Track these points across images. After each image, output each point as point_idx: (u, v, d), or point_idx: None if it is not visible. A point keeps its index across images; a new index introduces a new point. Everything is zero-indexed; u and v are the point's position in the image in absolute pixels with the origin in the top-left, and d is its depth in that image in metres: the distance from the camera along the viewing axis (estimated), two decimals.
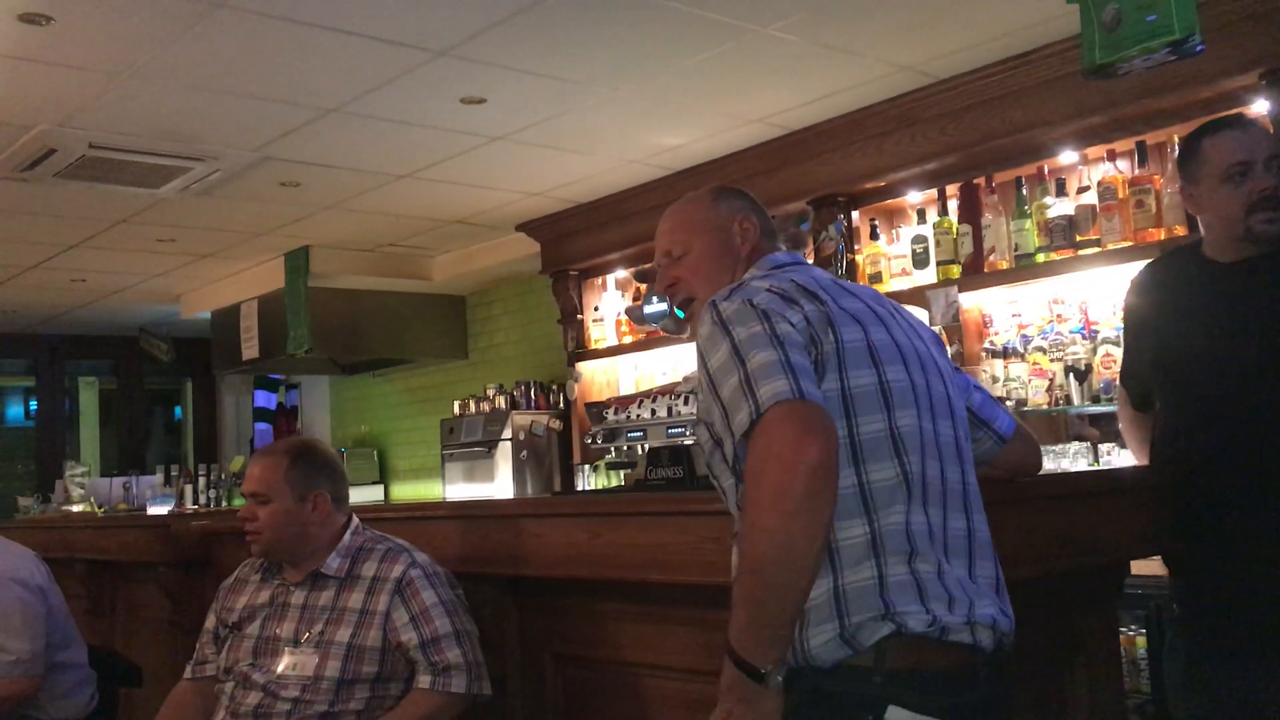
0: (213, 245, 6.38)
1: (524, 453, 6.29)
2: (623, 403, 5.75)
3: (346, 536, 2.56)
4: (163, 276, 7.13)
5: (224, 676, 2.52)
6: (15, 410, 10.10)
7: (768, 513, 1.42)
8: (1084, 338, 4.03)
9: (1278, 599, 2.16)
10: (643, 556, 2.27)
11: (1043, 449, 3.12)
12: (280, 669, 2.41)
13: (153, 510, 6.80)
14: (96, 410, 10.09)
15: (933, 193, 4.50)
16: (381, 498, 8.11)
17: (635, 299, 5.85)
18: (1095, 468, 3.77)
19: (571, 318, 6.18)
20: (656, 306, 2.79)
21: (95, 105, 4.05)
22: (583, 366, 6.15)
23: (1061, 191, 4.08)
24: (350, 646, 2.40)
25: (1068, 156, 4.14)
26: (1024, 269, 4.15)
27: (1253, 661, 2.20)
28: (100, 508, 7.32)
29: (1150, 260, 2.63)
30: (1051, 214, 4.06)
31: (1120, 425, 2.73)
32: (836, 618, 1.51)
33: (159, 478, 8.11)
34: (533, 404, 6.53)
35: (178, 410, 10.49)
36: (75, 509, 7.25)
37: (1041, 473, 2.08)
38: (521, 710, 2.71)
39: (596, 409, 5.88)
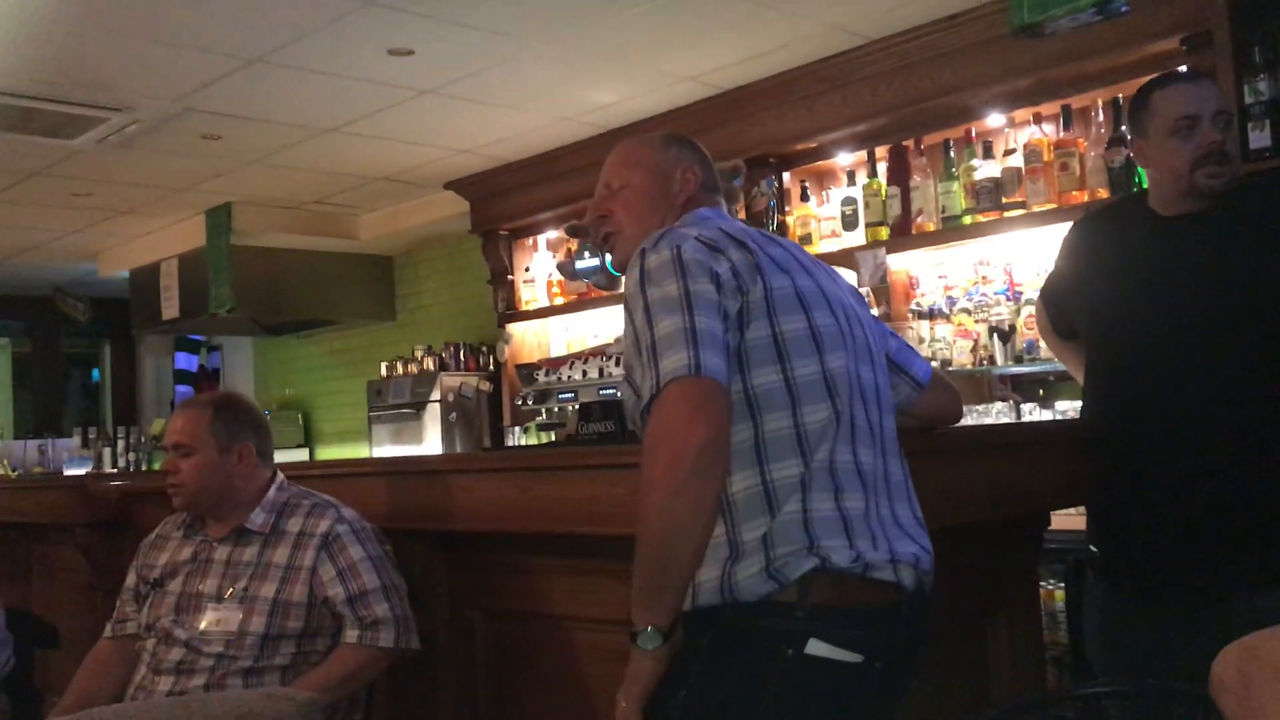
0: (132, 201, 6.20)
1: (453, 415, 6.24)
2: (554, 364, 5.75)
3: (271, 492, 2.52)
4: (79, 233, 6.93)
5: (145, 634, 2.47)
6: None
7: (654, 490, 1.49)
8: (1008, 299, 4.09)
9: (1187, 547, 2.22)
10: (574, 510, 2.27)
11: (967, 408, 3.17)
12: (203, 625, 2.37)
13: (70, 473, 6.64)
14: (9, 373, 9.81)
15: (862, 155, 4.54)
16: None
17: (567, 256, 5.83)
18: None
19: (502, 278, 6.13)
20: (588, 262, 2.77)
21: (4, 50, 3.89)
22: (513, 328, 6.11)
23: (989, 154, 4.13)
24: (276, 602, 2.36)
25: (995, 119, 4.19)
26: (951, 231, 4.20)
27: (1164, 606, 2.25)
28: (14, 471, 7.14)
29: (1100, 206, 2.64)
30: (978, 176, 4.11)
31: (1053, 352, 2.75)
32: (763, 551, 1.53)
33: (76, 441, 7.93)
34: (462, 365, 6.48)
35: (95, 373, 10.23)
36: None
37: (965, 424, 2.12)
38: (450, 666, 2.70)
39: (527, 370, 5.87)
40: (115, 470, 7.31)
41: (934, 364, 4.02)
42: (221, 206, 6.44)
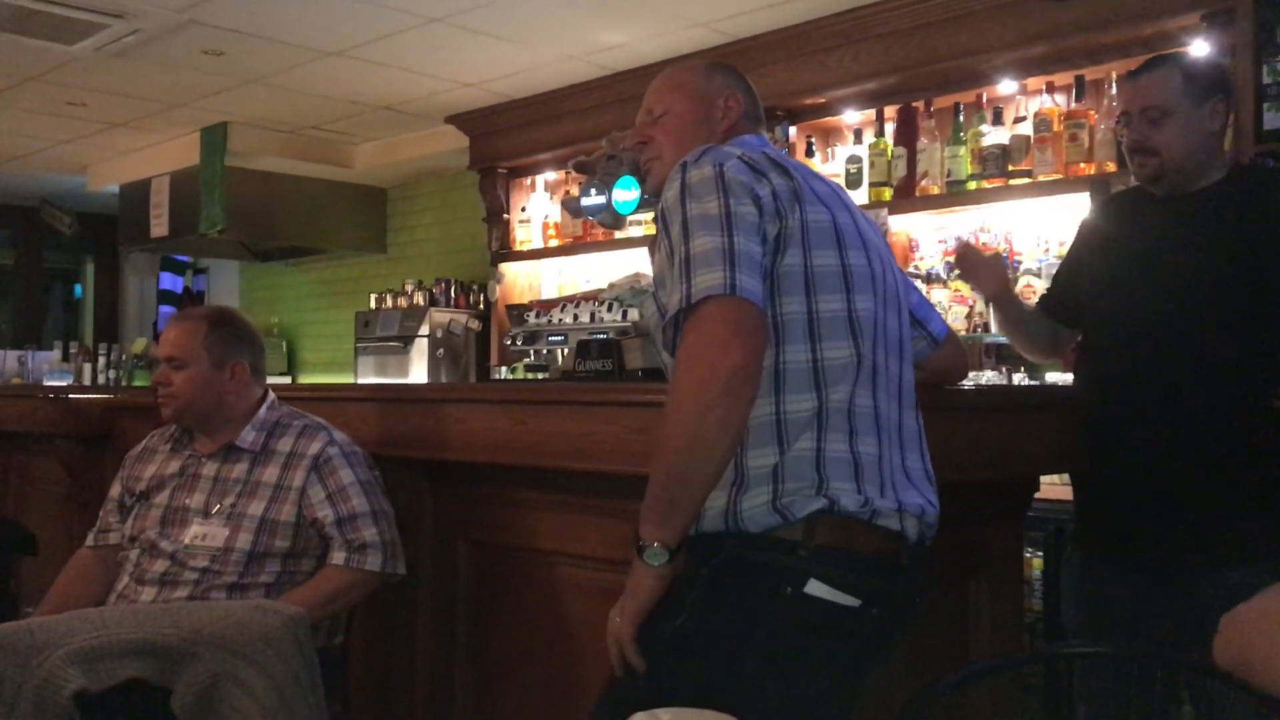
0: (126, 114, 6.10)
1: (440, 351, 6.22)
2: (545, 306, 5.73)
3: (262, 410, 2.50)
4: (71, 144, 6.82)
5: (129, 545, 2.46)
6: None
7: (684, 404, 1.47)
8: (1006, 267, 4.08)
9: (1163, 518, 2.25)
10: (567, 445, 2.26)
11: None
12: (188, 539, 2.36)
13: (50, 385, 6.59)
14: None
15: (871, 113, 4.50)
16: None
17: (572, 193, 5.79)
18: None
19: (497, 217, 6.08)
20: (594, 199, 2.73)
21: None
22: (505, 268, 6.08)
23: (998, 120, 4.11)
24: (263, 520, 2.35)
25: (1007, 86, 4.16)
26: (954, 195, 4.18)
27: (1139, 574, 2.29)
28: None
29: (1104, 198, 2.69)
30: (986, 142, 4.09)
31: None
32: (772, 484, 1.53)
33: (56, 354, 7.85)
34: (452, 302, 6.45)
35: (78, 288, 10.12)
36: None
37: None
38: (432, 595, 2.70)
39: (518, 311, 5.86)
40: (94, 385, 7.26)
41: None
42: (218, 125, 6.35)
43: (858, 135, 4.56)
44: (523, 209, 6.06)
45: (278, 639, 1.91)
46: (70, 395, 4.38)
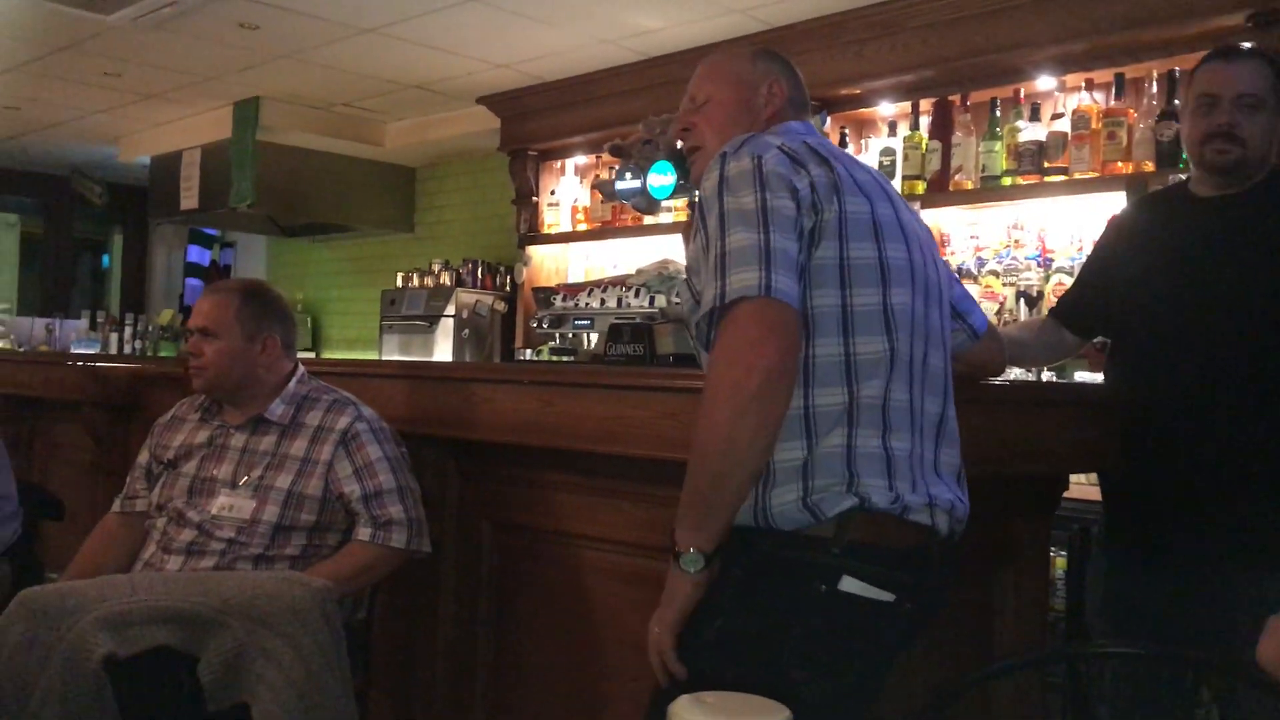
0: (160, 85, 6.12)
1: (466, 331, 6.22)
2: (572, 290, 5.73)
3: (292, 384, 2.51)
4: (104, 114, 6.84)
5: (156, 513, 2.47)
6: None
7: (718, 407, 1.46)
8: (1039, 265, 4.06)
9: (1198, 519, 2.23)
10: (597, 428, 2.26)
11: None
12: (215, 509, 2.37)
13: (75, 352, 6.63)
14: (17, 252, 9.75)
15: (906, 106, 4.47)
16: None
17: (606, 175, 5.77)
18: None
19: (526, 199, 6.08)
20: (629, 183, 2.70)
21: None
22: (533, 250, 6.07)
23: (1035, 116, 4.07)
24: (290, 493, 2.36)
25: (1045, 82, 4.12)
26: (988, 191, 4.15)
27: (1169, 576, 2.28)
28: (20, 347, 7.13)
29: (1138, 198, 2.65)
30: (1022, 138, 4.05)
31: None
32: (801, 480, 1.52)
33: (84, 323, 7.91)
34: (478, 283, 6.45)
35: (105, 258, 10.18)
36: None
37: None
38: (455, 573, 2.71)
39: (544, 294, 5.85)
40: (120, 355, 7.30)
41: None
42: (250, 100, 6.37)
43: (892, 128, 4.53)
44: (552, 192, 6.05)
45: (305, 611, 1.91)
46: (98, 364, 4.41)
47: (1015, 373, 4.00)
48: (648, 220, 5.26)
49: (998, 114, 4.16)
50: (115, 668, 1.79)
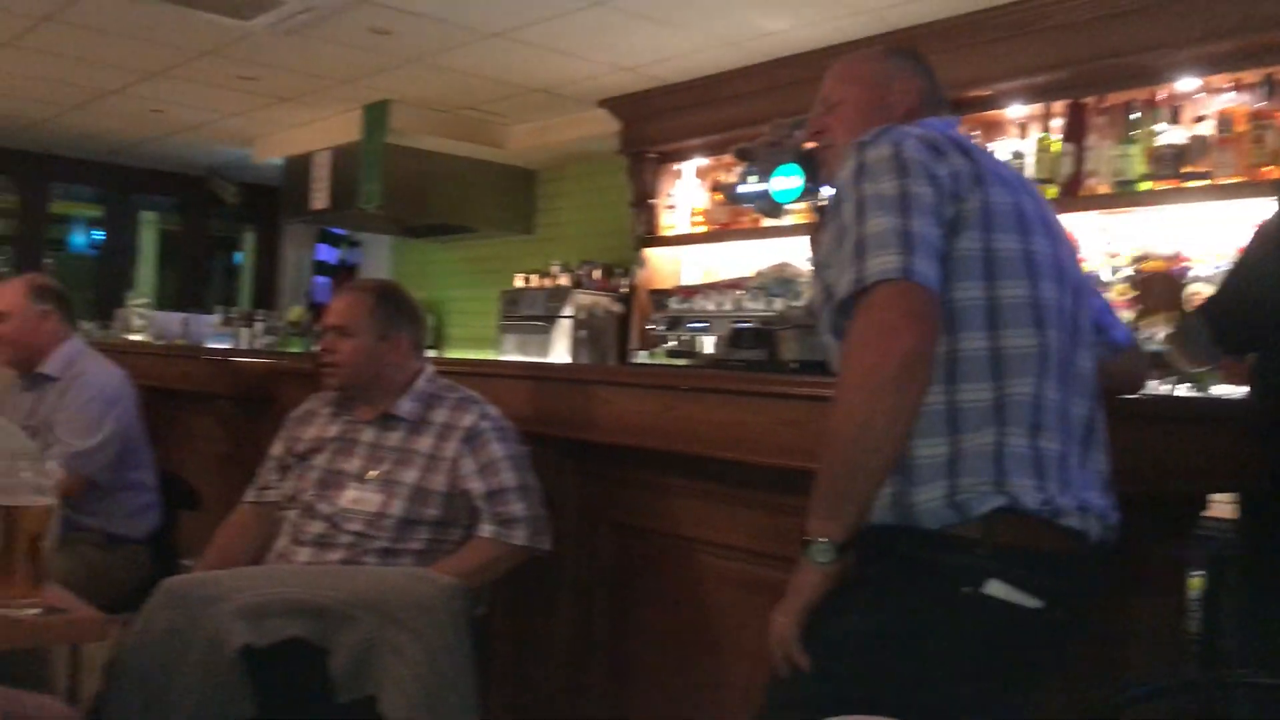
0: (294, 89, 6.32)
1: (583, 332, 6.27)
2: (688, 292, 5.73)
3: (420, 382, 2.56)
4: (240, 117, 7.10)
5: (287, 504, 2.54)
6: (79, 239, 10.21)
7: (854, 391, 1.43)
8: (1176, 273, 3.90)
9: None
10: (717, 433, 2.25)
11: None
12: (344, 502, 2.43)
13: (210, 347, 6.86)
14: (156, 248, 10.16)
15: (1037, 108, 4.35)
16: None
17: (723, 179, 5.76)
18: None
19: (644, 202, 6.09)
20: (753, 187, 2.68)
21: None
22: (649, 253, 6.09)
23: (1175, 119, 3.92)
24: (416, 488, 2.41)
25: (1186, 83, 3.96)
26: (1123, 196, 4.01)
27: None
28: (159, 340, 7.41)
29: None
30: (1160, 141, 3.91)
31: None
32: (947, 478, 1.48)
33: (217, 318, 8.18)
34: (596, 285, 6.49)
35: (237, 256, 10.55)
36: (135, 338, 7.35)
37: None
38: (573, 573, 2.73)
39: (661, 296, 5.88)
40: (251, 350, 7.53)
41: None
42: (380, 103, 6.52)
43: (1022, 130, 4.41)
44: (670, 194, 6.06)
45: (433, 607, 1.95)
46: (232, 358, 4.56)
47: (1150, 385, 3.86)
48: (766, 223, 5.22)
49: (1134, 117, 4.02)
50: (251, 657, 1.84)
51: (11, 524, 1.62)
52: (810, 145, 1.89)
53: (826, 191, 1.84)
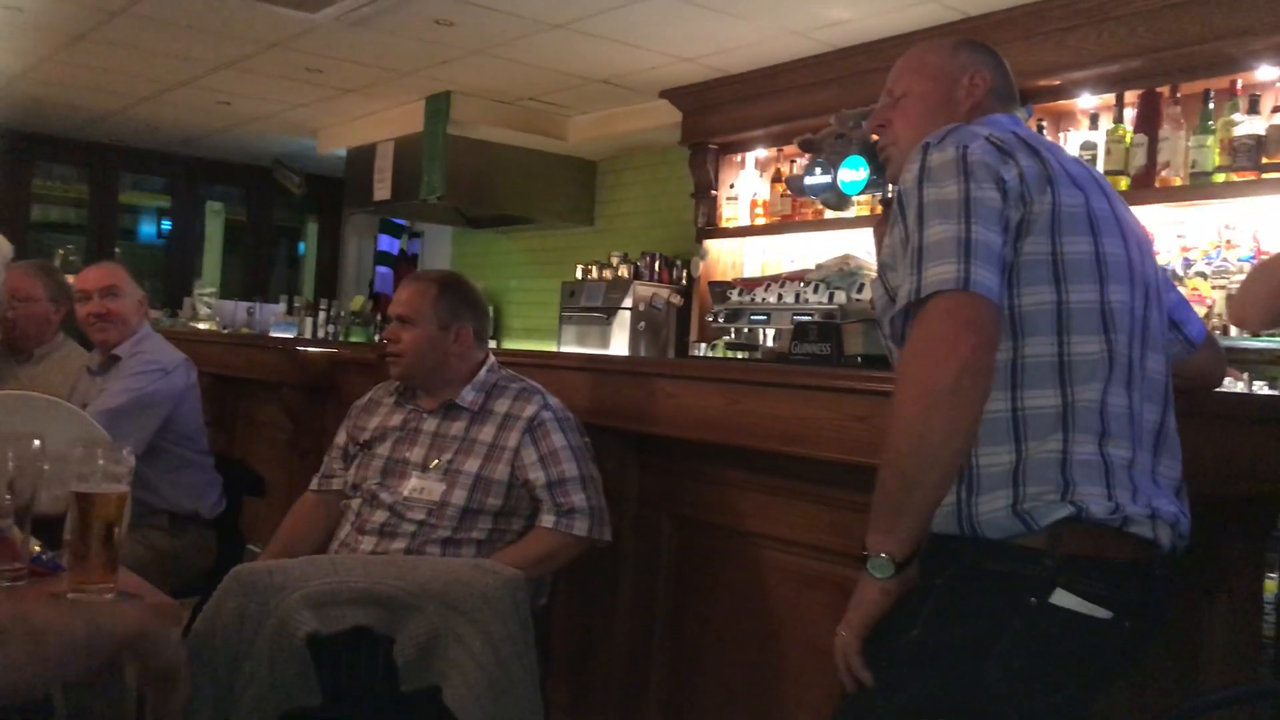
0: (358, 80, 6.38)
1: (642, 324, 6.26)
2: (749, 285, 5.68)
3: (482, 372, 2.56)
4: (305, 108, 7.18)
5: (351, 493, 2.56)
6: (148, 229, 10.40)
7: (909, 404, 1.40)
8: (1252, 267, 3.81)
9: None
10: (782, 428, 2.23)
11: None
12: (407, 491, 2.44)
13: (276, 336, 6.96)
14: (221, 238, 10.32)
15: (1109, 98, 4.26)
16: None
17: (785, 170, 5.71)
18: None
19: (705, 193, 6.07)
20: (819, 178, 2.66)
21: None
22: (710, 244, 6.06)
23: (1254, 109, 3.82)
24: (478, 477, 2.41)
25: (1266, 72, 3.85)
26: (1198, 188, 3.91)
27: None
28: (224, 329, 7.54)
29: None
30: (1238, 132, 3.80)
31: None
32: (1012, 487, 1.45)
33: (281, 307, 8.30)
34: (655, 276, 6.48)
35: (300, 246, 10.68)
36: (201, 326, 7.48)
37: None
38: (633, 565, 2.73)
39: (721, 288, 5.83)
40: (314, 338, 7.63)
41: None
42: (442, 94, 6.56)
43: (1094, 120, 4.32)
44: (731, 186, 6.02)
45: (496, 598, 1.95)
46: (297, 347, 4.61)
47: (1226, 382, 3.77)
48: (828, 214, 5.17)
49: (1211, 106, 3.92)
50: (318, 645, 1.86)
51: (87, 511, 1.64)
52: (874, 138, 1.85)
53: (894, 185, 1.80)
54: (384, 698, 1.95)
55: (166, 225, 9.85)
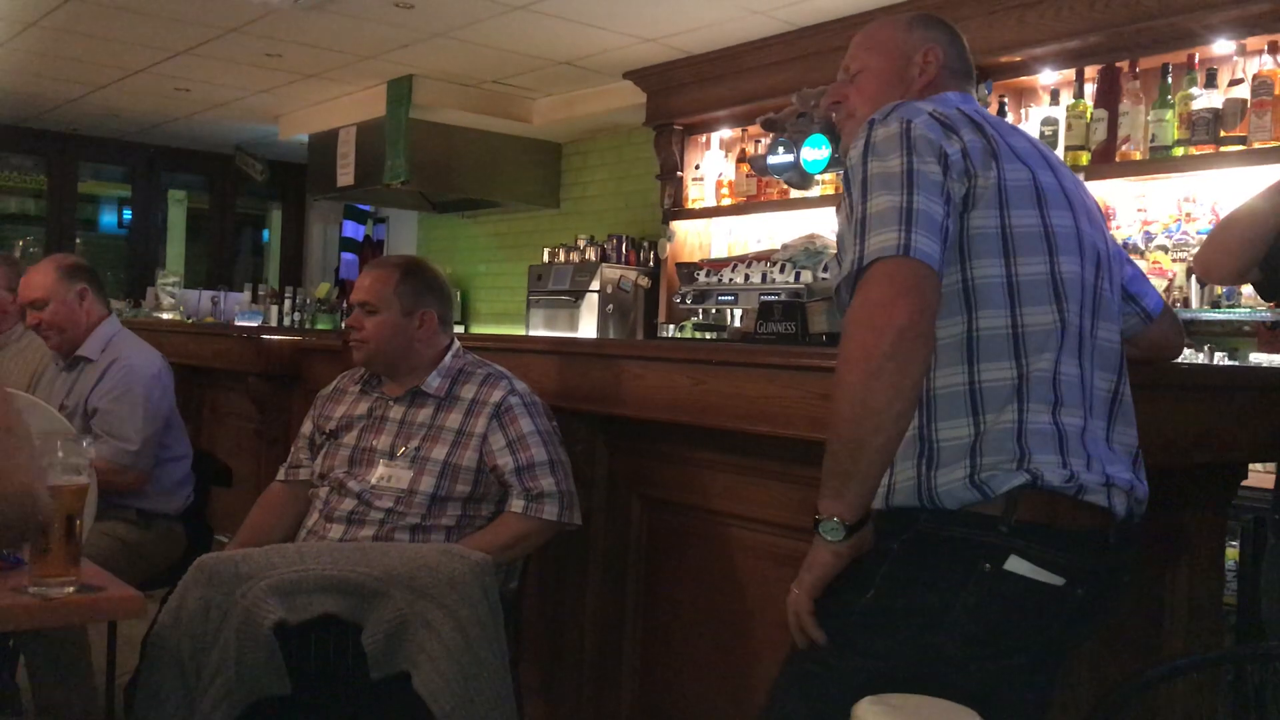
0: (318, 65, 6.31)
1: (610, 306, 6.26)
2: (716, 265, 5.70)
3: (448, 358, 2.55)
4: (266, 94, 7.10)
5: (318, 482, 2.55)
6: (108, 219, 10.27)
7: (850, 370, 1.41)
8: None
9: None
10: (748, 408, 2.24)
11: None
12: (375, 480, 2.43)
13: (241, 325, 6.90)
14: (184, 227, 10.21)
15: (1069, 73, 4.28)
16: None
17: (750, 150, 5.70)
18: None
19: (671, 174, 6.06)
20: (782, 158, 2.66)
21: None
22: (676, 225, 6.06)
23: (1211, 83, 3.85)
24: (446, 464, 2.41)
25: (1223, 46, 3.89)
26: (1158, 162, 3.95)
27: None
28: (189, 318, 7.47)
29: None
30: (1196, 106, 3.84)
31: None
32: (969, 458, 1.46)
33: (246, 295, 8.23)
34: (623, 258, 6.48)
35: (265, 233, 10.59)
36: (165, 316, 7.40)
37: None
38: (605, 547, 2.73)
39: (688, 270, 5.84)
40: (280, 326, 7.57)
41: None
42: (404, 78, 6.51)
43: (1054, 96, 4.35)
44: (696, 166, 6.02)
45: (464, 583, 1.95)
46: (263, 336, 4.58)
47: (1185, 354, 3.82)
48: (794, 194, 5.18)
49: (1169, 80, 3.95)
50: (285, 634, 1.85)
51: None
52: (829, 114, 1.86)
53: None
54: (353, 685, 1.94)
55: (128, 215, 9.73)
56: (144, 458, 3.05)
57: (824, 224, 5.00)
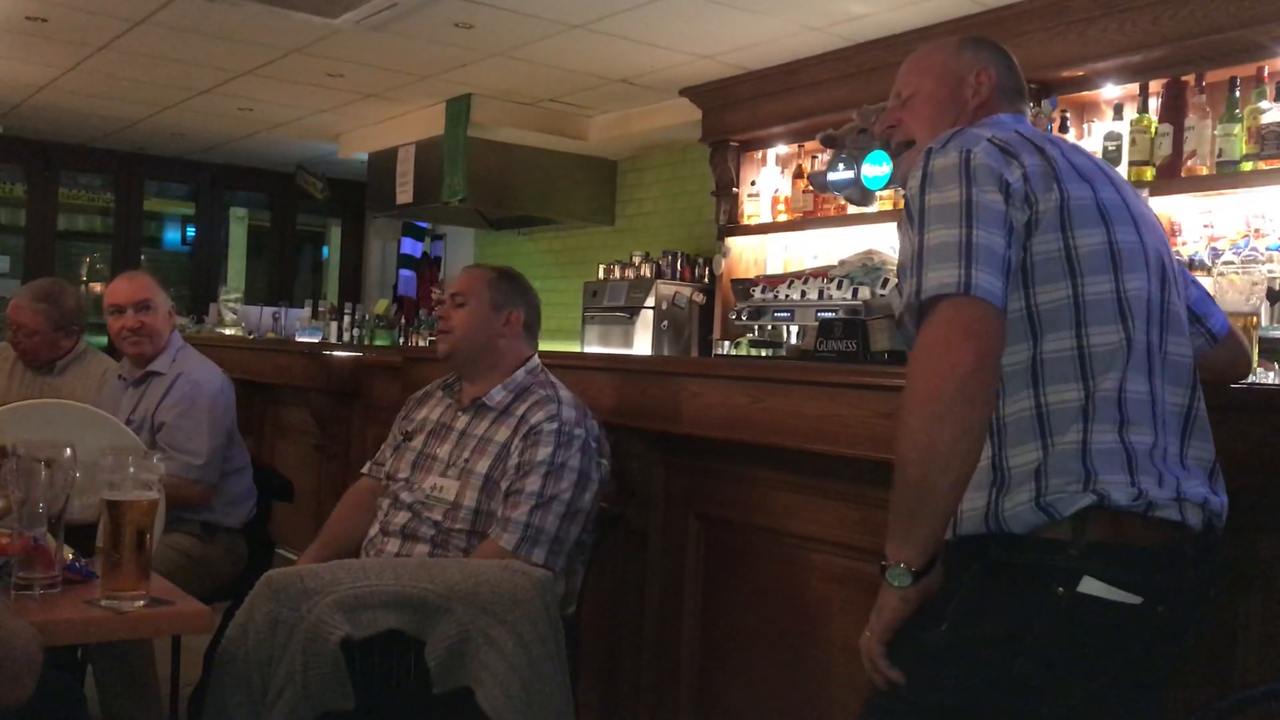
0: (379, 85, 6.40)
1: (664, 323, 6.26)
2: (771, 281, 5.68)
3: (520, 372, 2.56)
4: (326, 113, 7.21)
5: (387, 482, 2.58)
6: (172, 236, 10.47)
7: (913, 413, 1.41)
8: None
9: None
10: (808, 426, 2.22)
11: None
12: (427, 488, 2.45)
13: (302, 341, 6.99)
14: (245, 244, 10.38)
15: (1133, 87, 4.22)
16: None
17: (806, 166, 5.68)
18: None
19: (726, 190, 6.05)
20: (842, 174, 2.64)
21: None
22: (732, 242, 6.04)
23: None
24: (487, 478, 2.40)
25: None
26: (1225, 177, 3.88)
27: None
28: (250, 334, 7.58)
29: None
30: (1265, 120, 3.76)
31: None
32: (1035, 481, 1.45)
33: (306, 312, 8.34)
34: (677, 275, 6.47)
35: (324, 250, 10.73)
36: (228, 332, 7.52)
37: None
38: (661, 565, 2.73)
39: (743, 286, 5.83)
40: (339, 342, 7.65)
41: None
42: (462, 97, 6.58)
43: (1118, 111, 4.28)
44: (752, 183, 6.01)
45: (527, 600, 1.95)
46: (324, 352, 4.64)
47: (1257, 373, 3.73)
48: (850, 210, 5.15)
49: (1237, 94, 3.88)
50: (350, 649, 1.87)
51: (118, 519, 1.66)
52: (885, 139, 1.85)
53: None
54: (417, 700, 1.95)
55: (191, 232, 9.92)
56: (210, 471, 3.10)
57: (881, 240, 4.96)
